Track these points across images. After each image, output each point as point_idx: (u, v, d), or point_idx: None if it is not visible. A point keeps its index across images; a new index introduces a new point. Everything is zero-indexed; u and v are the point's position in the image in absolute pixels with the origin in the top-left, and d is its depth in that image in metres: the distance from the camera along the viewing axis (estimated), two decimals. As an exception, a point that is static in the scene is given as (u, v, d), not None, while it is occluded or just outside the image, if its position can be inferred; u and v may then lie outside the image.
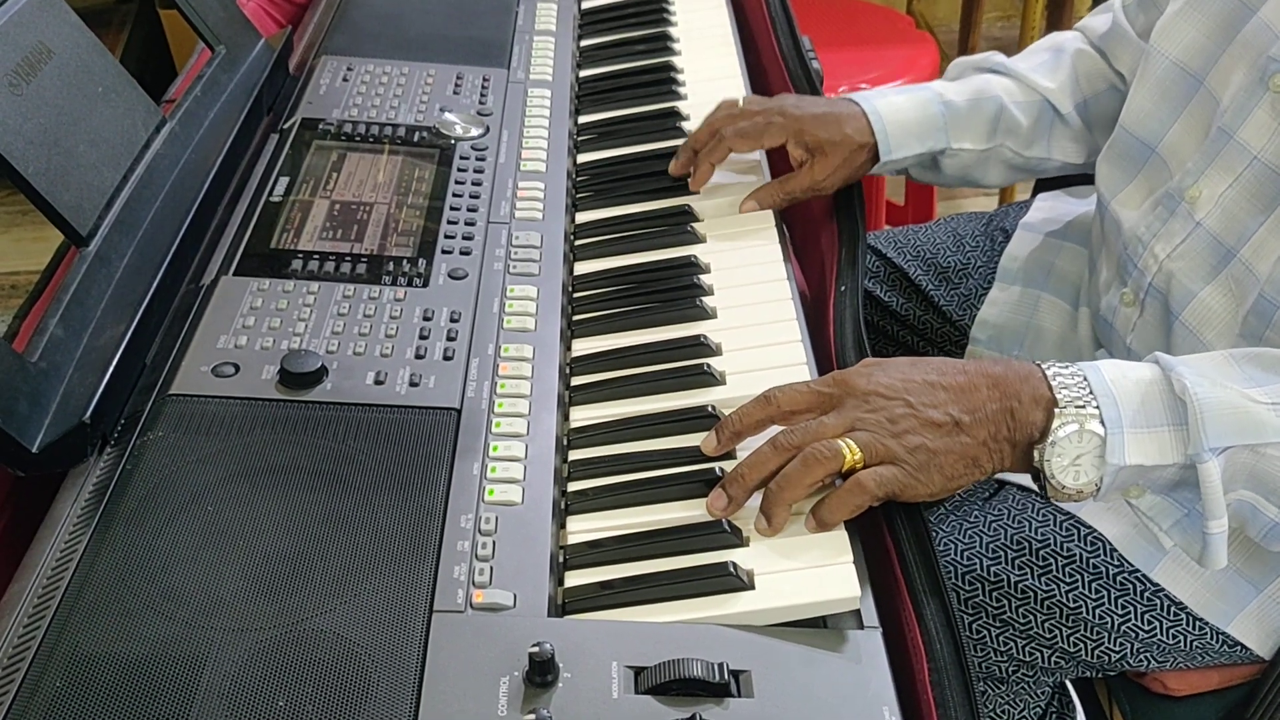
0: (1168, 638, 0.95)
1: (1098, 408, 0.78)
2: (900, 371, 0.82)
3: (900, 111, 1.12)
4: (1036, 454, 0.79)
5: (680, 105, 1.27)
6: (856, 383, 0.82)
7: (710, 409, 0.87)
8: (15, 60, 0.92)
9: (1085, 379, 0.80)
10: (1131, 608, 0.95)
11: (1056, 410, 0.78)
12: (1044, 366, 0.81)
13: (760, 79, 1.36)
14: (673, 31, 1.42)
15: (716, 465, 0.82)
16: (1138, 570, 0.95)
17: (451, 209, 1.06)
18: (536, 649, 0.66)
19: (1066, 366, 0.81)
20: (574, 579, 0.77)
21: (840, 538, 0.77)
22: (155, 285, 0.92)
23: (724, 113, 1.14)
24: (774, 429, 0.82)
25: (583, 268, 1.06)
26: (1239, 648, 0.95)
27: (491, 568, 0.74)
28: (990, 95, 1.15)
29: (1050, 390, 0.80)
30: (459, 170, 1.11)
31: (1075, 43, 1.20)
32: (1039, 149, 1.17)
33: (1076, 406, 0.78)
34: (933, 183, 1.22)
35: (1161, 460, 0.78)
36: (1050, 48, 1.21)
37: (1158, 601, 0.95)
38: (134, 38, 2.61)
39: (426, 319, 0.92)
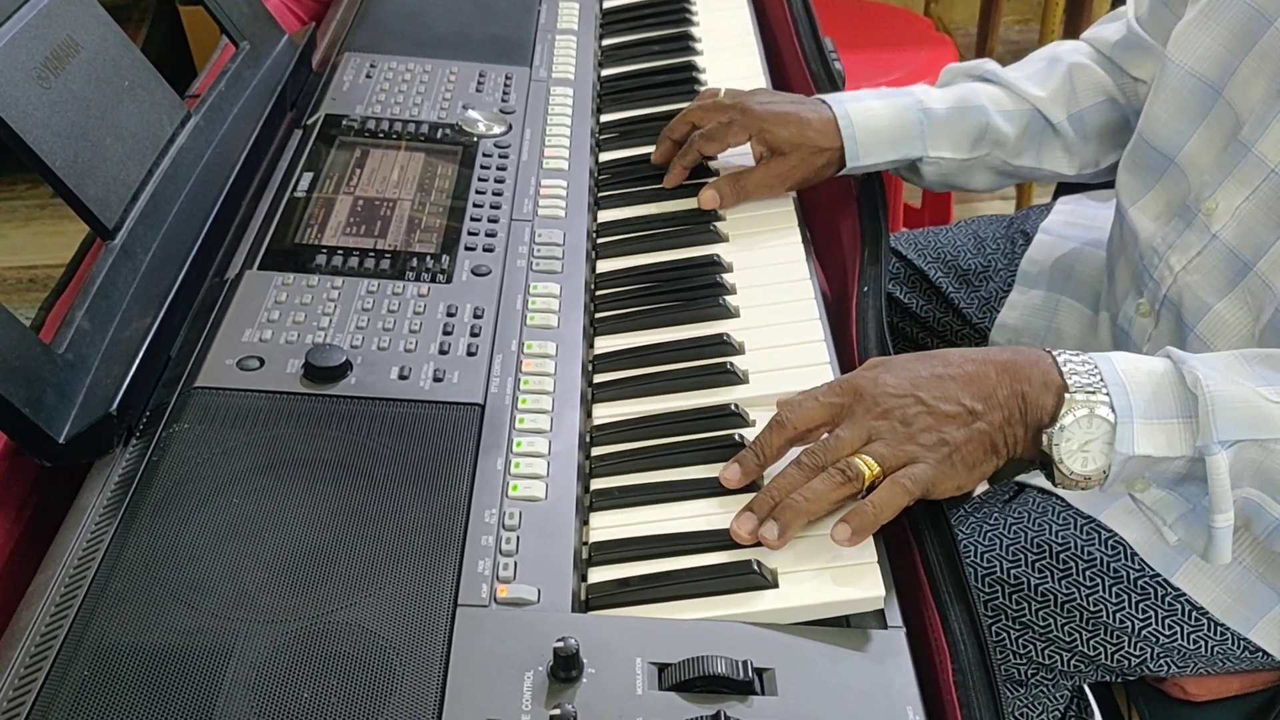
0: (1188, 643, 0.95)
1: (1108, 394, 0.79)
2: (907, 369, 0.82)
3: (875, 118, 1.10)
4: (1045, 438, 0.79)
5: (702, 105, 1.27)
6: (865, 387, 0.81)
7: (733, 407, 0.87)
8: (44, 53, 0.92)
9: (1097, 367, 0.80)
10: (1152, 612, 0.94)
11: (1066, 395, 0.79)
12: (1055, 353, 0.82)
13: (782, 80, 1.36)
14: (694, 31, 1.42)
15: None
16: (1159, 575, 0.94)
17: (474, 206, 1.06)
18: (561, 644, 0.66)
19: (1078, 354, 0.82)
20: (597, 575, 0.77)
21: (864, 538, 0.77)
22: (180, 279, 0.92)
23: (698, 103, 1.16)
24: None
25: (605, 266, 1.06)
26: (1260, 654, 0.95)
27: (515, 563, 0.74)
28: (974, 104, 1.13)
29: (1061, 375, 0.80)
30: (481, 168, 1.11)
31: (1074, 54, 1.18)
32: (1028, 159, 1.16)
33: (1087, 392, 0.79)
34: (915, 185, 1.21)
35: (1170, 452, 0.78)
36: (1046, 57, 1.19)
37: (1179, 606, 0.94)
38: (153, 33, 2.62)
39: (450, 315, 0.93)
